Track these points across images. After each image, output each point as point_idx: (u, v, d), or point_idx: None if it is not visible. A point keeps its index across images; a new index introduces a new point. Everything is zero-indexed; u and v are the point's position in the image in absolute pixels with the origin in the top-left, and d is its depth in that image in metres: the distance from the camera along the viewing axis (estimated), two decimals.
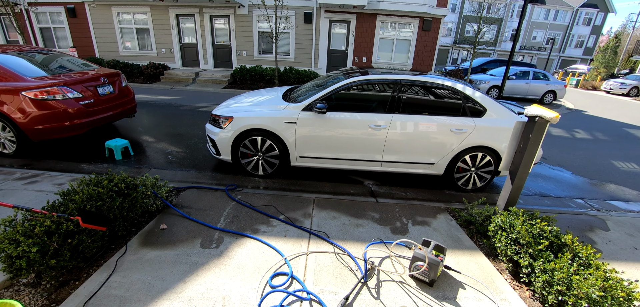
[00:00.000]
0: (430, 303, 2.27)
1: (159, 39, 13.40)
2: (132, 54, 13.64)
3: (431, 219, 3.46)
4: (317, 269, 2.51)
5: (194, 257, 2.59)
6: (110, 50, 13.54)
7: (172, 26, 13.08)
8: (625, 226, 3.87)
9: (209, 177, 4.30)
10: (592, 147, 7.71)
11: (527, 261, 2.51)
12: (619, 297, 2.02)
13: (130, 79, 11.83)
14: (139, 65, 12.35)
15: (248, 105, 4.07)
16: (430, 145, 3.93)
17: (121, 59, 12.93)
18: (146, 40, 13.58)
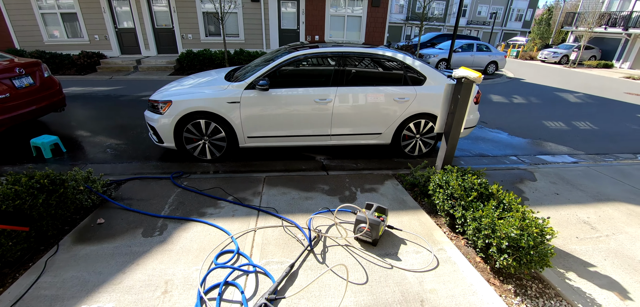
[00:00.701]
0: (372, 260, 2.40)
1: (91, 25, 12.04)
2: (60, 43, 12.14)
3: (379, 185, 3.61)
4: (264, 243, 2.52)
5: (135, 248, 2.46)
6: (32, 40, 11.92)
7: (104, 9, 11.80)
8: (550, 176, 4.35)
9: (154, 167, 4.06)
10: (527, 111, 8.50)
11: (460, 213, 2.74)
12: (533, 233, 2.28)
13: (60, 71, 10.59)
14: (70, 55, 11.04)
15: (188, 88, 3.86)
16: (375, 116, 4.05)
17: (47, 49, 11.41)
18: (76, 26, 12.15)
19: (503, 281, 2.39)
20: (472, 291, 2.19)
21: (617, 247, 2.86)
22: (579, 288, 2.37)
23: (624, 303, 2.25)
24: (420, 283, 2.22)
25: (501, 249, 2.29)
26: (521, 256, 2.24)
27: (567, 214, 3.36)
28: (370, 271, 2.29)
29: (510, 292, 2.29)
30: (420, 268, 2.35)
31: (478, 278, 2.32)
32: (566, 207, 3.52)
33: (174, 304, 1.97)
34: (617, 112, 9.02)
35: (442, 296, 2.12)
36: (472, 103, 4.40)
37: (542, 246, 2.26)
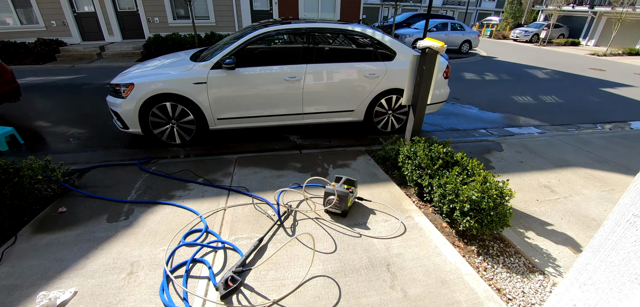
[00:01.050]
0: (341, 231, 2.44)
1: (46, 10, 11.16)
2: (13, 31, 11.21)
3: (351, 161, 3.65)
4: (234, 221, 2.50)
5: (99, 233, 2.39)
6: None
7: None
8: (516, 146, 4.53)
9: (120, 154, 3.90)
10: (498, 87, 8.77)
11: (427, 181, 2.81)
12: (493, 195, 2.38)
13: (15, 61, 9.84)
14: (25, 43, 10.24)
15: (151, 70, 3.69)
16: (347, 92, 4.05)
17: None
18: (30, 12, 11.26)
19: (467, 242, 2.49)
20: (436, 253, 2.27)
21: (573, 207, 3.05)
22: (537, 245, 2.52)
23: (575, 256, 2.42)
24: (388, 249, 2.28)
25: (464, 212, 2.38)
26: (482, 218, 2.34)
27: (530, 180, 3.54)
28: (339, 241, 2.33)
29: (473, 253, 2.40)
30: (387, 235, 2.42)
31: (443, 241, 2.41)
32: (529, 173, 3.69)
33: (140, 285, 1.93)
34: (582, 87, 9.49)
35: (408, 258, 2.20)
36: (442, 77, 4.48)
37: (501, 207, 2.37)
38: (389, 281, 1.99)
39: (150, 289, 1.90)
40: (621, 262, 1.09)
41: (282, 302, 1.82)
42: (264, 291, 1.89)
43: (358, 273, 2.04)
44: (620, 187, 3.45)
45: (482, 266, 2.28)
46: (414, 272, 2.08)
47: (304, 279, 1.96)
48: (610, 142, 4.89)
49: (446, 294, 1.93)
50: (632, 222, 1.04)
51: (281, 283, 1.94)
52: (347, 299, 1.85)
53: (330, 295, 1.87)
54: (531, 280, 2.18)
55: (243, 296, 1.84)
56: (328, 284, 1.95)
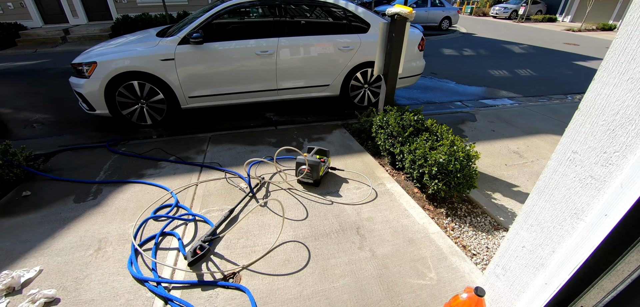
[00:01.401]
0: (313, 199, 2.46)
1: None
2: None
3: (327, 134, 3.66)
4: (205, 195, 2.48)
5: (66, 213, 2.32)
6: None
7: None
8: (489, 117, 4.65)
9: (89, 137, 3.76)
10: (476, 62, 8.91)
11: (398, 149, 2.86)
12: (460, 158, 2.45)
13: None
14: None
15: (115, 47, 3.52)
16: (321, 66, 4.01)
17: None
18: None
19: (437, 206, 2.57)
20: (405, 215, 2.34)
21: (540, 169, 3.18)
22: (503, 205, 2.62)
23: None
24: (358, 214, 2.32)
25: (432, 175, 2.45)
26: (450, 180, 2.42)
27: (500, 147, 3.65)
28: (310, 208, 2.35)
29: (442, 215, 2.48)
30: (358, 201, 2.46)
31: (413, 204, 2.48)
32: (500, 141, 3.82)
33: (108, 259, 1.91)
34: (556, 60, 9.76)
35: (377, 221, 2.25)
36: (417, 50, 4.50)
37: (467, 168, 2.45)
38: (358, 243, 2.04)
39: (119, 262, 1.88)
40: (562, 199, 1.14)
41: (252, 267, 1.84)
42: (234, 258, 1.90)
43: (328, 237, 2.08)
44: None
45: (450, 226, 2.36)
46: (382, 234, 2.13)
47: (273, 245, 1.98)
48: None
49: (412, 251, 2.00)
50: (571, 159, 1.09)
51: (251, 250, 1.96)
52: (316, 261, 1.88)
53: (299, 258, 1.90)
54: (495, 237, 2.28)
55: (213, 264, 1.85)
56: (298, 248, 1.98)
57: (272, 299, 1.64)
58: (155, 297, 1.66)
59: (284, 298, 1.65)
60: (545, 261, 1.25)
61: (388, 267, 1.87)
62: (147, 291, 1.69)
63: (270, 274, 1.78)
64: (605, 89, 0.94)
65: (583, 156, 1.04)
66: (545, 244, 1.24)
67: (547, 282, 1.23)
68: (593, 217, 1.03)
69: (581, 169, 1.05)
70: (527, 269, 1.34)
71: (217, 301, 1.63)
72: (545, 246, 1.24)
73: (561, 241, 1.17)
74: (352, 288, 1.72)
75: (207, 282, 1.72)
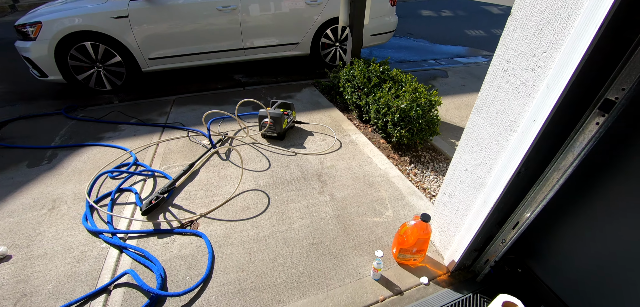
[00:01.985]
0: (276, 152, 2.45)
1: None
2: None
3: (296, 93, 3.60)
4: (166, 153, 2.42)
5: (18, 178, 2.22)
6: None
7: None
8: (460, 73, 4.69)
9: (45, 106, 3.54)
10: (453, 22, 8.86)
11: (364, 101, 2.85)
12: (422, 103, 2.47)
13: None
14: None
15: (61, 5, 3.25)
16: (289, 22, 3.87)
17: None
18: None
19: (401, 154, 2.61)
20: (368, 162, 2.37)
21: None
22: None
23: None
24: (321, 163, 2.34)
25: (395, 122, 2.47)
26: (413, 126, 2.45)
27: (468, 100, 3.71)
28: (273, 160, 2.34)
29: (406, 162, 2.52)
30: (322, 151, 2.47)
31: (376, 153, 2.51)
32: (469, 94, 3.88)
33: (62, 217, 1.85)
34: None
35: (339, 168, 2.27)
36: (389, 5, 4.41)
37: (430, 115, 2.48)
38: (319, 188, 2.06)
39: (74, 219, 1.83)
40: (498, 113, 1.17)
41: (211, 215, 1.83)
42: (192, 208, 1.89)
43: (289, 185, 2.09)
44: None
45: (413, 171, 2.42)
46: (343, 179, 2.16)
47: (233, 194, 1.98)
48: None
49: (372, 193, 2.04)
50: (505, 69, 1.10)
51: (211, 200, 1.94)
52: (275, 206, 1.90)
53: (258, 204, 1.91)
54: None
55: (170, 214, 1.83)
56: (258, 195, 1.98)
57: (228, 242, 1.65)
58: (110, 247, 1.64)
59: (240, 240, 1.66)
60: (484, 180, 1.30)
61: (346, 208, 1.91)
62: (102, 242, 1.67)
63: (228, 220, 1.79)
64: None
65: (515, 64, 1.05)
66: (484, 162, 1.28)
67: (486, 200, 1.29)
68: (523, 125, 1.05)
69: (514, 78, 1.07)
70: (469, 192, 1.39)
71: (173, 247, 1.63)
72: (484, 165, 1.28)
73: (497, 156, 1.20)
74: (309, 228, 1.75)
75: (163, 230, 1.71)
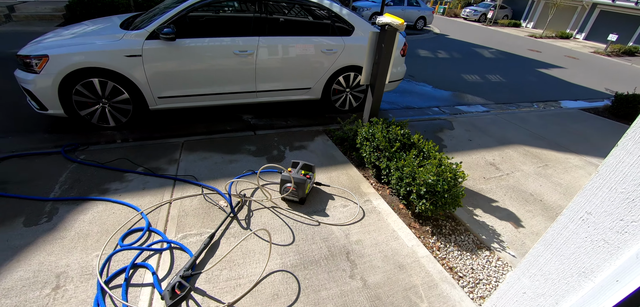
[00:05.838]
0: (299, 219, 2.34)
1: None
2: None
3: (309, 142, 3.53)
4: (181, 216, 2.26)
5: (14, 241, 1.99)
6: None
7: None
8: (465, 124, 4.77)
9: (41, 140, 3.31)
10: (450, 65, 9.18)
11: (385, 164, 2.81)
12: (448, 178, 2.44)
13: None
14: None
15: (71, 38, 3.09)
16: (303, 69, 3.85)
17: None
18: None
19: (422, 223, 2.56)
20: (394, 237, 2.29)
21: (515, 183, 3.29)
22: (484, 222, 2.67)
23: (517, 230, 2.62)
24: (347, 236, 2.24)
25: (420, 194, 2.42)
26: (437, 200, 2.40)
27: (477, 158, 3.74)
28: (297, 231, 2.23)
29: (428, 233, 2.47)
30: (346, 221, 2.38)
31: (400, 224, 2.44)
32: (477, 151, 3.91)
33: (69, 300, 1.66)
34: (521, 66, 10.36)
35: (367, 245, 2.18)
36: (399, 55, 4.47)
37: (455, 188, 2.45)
38: (349, 271, 1.96)
39: (83, 303, 1.64)
40: (571, 256, 1.13)
41: (238, 304, 1.69)
42: (217, 293, 1.74)
43: (317, 265, 1.97)
44: (552, 163, 3.82)
45: (436, 245, 2.36)
46: (373, 259, 2.07)
47: (260, 277, 1.84)
48: (544, 119, 5.40)
49: (404, 278, 1.96)
50: (584, 219, 1.07)
51: (236, 283, 1.80)
52: (306, 294, 1.78)
53: (289, 291, 1.78)
54: (479, 256, 2.31)
55: (194, 302, 1.68)
56: (287, 279, 1.86)
57: None
58: None
59: None
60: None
61: (380, 298, 1.81)
62: None
63: None
64: (629, 158, 0.91)
65: (597, 219, 1.02)
66: (548, 294, 1.22)
67: None
68: (603, 279, 1.01)
69: (594, 231, 1.03)
70: None
71: None
72: (548, 297, 1.22)
73: (566, 294, 1.15)
74: None
75: None
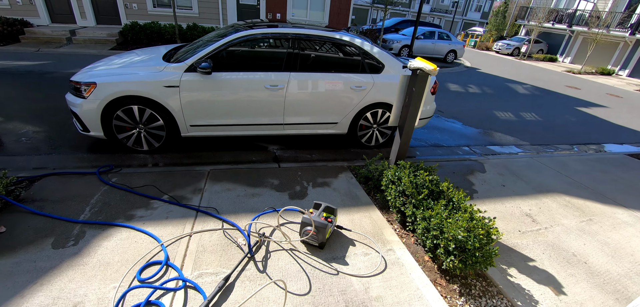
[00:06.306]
0: (318, 266, 2.24)
1: None
2: None
3: (332, 179, 3.46)
4: (199, 251, 2.25)
5: (41, 262, 2.07)
6: None
7: None
8: (498, 167, 4.49)
9: (79, 159, 3.53)
10: (481, 100, 8.85)
11: (411, 211, 2.66)
12: (479, 235, 2.25)
13: None
14: None
15: (118, 68, 3.34)
16: (331, 104, 3.86)
17: None
18: None
19: (449, 280, 2.37)
20: (418, 296, 2.12)
21: (554, 239, 2.99)
22: (519, 285, 2.42)
23: (558, 298, 2.34)
24: (366, 290, 2.11)
25: (448, 250, 2.25)
26: (467, 258, 2.22)
27: (512, 207, 3.48)
28: (314, 279, 2.13)
29: (455, 293, 2.27)
30: (367, 273, 2.25)
31: (425, 281, 2.27)
32: (511, 199, 3.64)
33: None
34: (559, 105, 9.76)
35: (388, 304, 2.03)
36: (429, 93, 4.37)
37: (487, 247, 2.25)
38: None
39: None
40: None
41: None
42: None
43: None
44: (597, 217, 3.46)
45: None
46: None
47: None
48: (586, 165, 4.96)
49: None
50: None
51: None
52: None
53: None
54: None
55: None
56: None
57: None
58: None
59: None
60: None
61: None
62: None
63: None
64: None
65: None
66: None
67: None
68: None
69: None
70: None
71: None
72: None
73: None
74: None
75: None
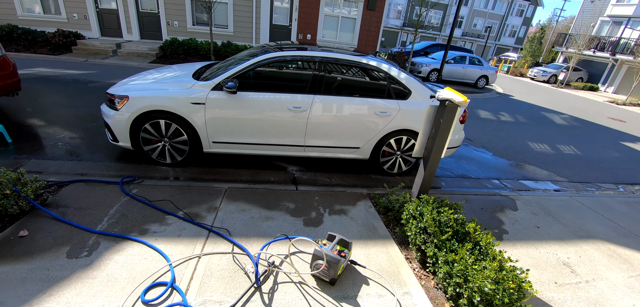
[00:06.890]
0: (326, 305, 2.09)
1: (70, 2, 11.32)
2: (35, 19, 11.38)
3: (350, 207, 3.32)
4: (206, 275, 2.19)
5: (54, 272, 2.10)
6: (4, 13, 11.11)
7: None
8: (531, 205, 4.13)
9: (106, 168, 3.66)
10: (513, 130, 8.36)
11: (432, 251, 2.46)
12: (509, 289, 2.01)
13: (32, 49, 9.90)
14: (45, 32, 10.33)
15: (149, 83, 3.48)
16: (354, 129, 3.76)
17: (20, 24, 10.62)
18: (54, 2, 11.44)
19: None
20: None
21: (597, 297, 2.64)
22: None
23: None
24: None
25: (472, 302, 2.03)
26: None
27: (547, 253, 3.14)
28: None
29: None
30: None
31: None
32: (546, 244, 3.30)
33: None
34: (600, 138, 9.00)
35: None
36: (458, 122, 4.16)
37: (518, 304, 2.01)
38: None
39: None
40: None
41: None
42: None
43: None
44: None
45: None
46: None
47: None
48: (634, 209, 4.46)
49: None
50: None
51: None
52: None
53: None
54: None
55: None
56: None
57: None
58: None
59: None
60: None
61: None
62: None
63: None
64: None
65: None
66: None
67: None
68: None
69: None
70: None
71: None
72: None
73: None
74: None
75: None
